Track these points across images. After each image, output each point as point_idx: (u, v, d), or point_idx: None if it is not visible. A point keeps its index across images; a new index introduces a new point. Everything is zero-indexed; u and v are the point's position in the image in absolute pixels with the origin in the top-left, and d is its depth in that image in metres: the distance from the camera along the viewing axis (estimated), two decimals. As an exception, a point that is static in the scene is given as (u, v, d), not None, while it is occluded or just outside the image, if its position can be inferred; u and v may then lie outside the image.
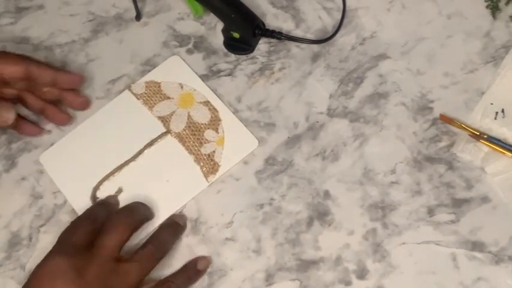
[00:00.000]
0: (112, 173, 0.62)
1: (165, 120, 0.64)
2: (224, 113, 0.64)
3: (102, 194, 0.61)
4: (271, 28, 0.66)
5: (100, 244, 0.53)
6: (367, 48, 0.66)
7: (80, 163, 0.63)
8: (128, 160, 0.62)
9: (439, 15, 0.66)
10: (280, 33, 0.66)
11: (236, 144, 0.62)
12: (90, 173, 0.62)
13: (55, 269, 0.51)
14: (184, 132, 0.63)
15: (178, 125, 0.63)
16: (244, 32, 0.65)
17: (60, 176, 0.62)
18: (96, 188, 0.61)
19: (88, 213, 0.57)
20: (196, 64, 0.65)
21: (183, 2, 0.69)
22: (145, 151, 0.62)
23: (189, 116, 0.64)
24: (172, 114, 0.64)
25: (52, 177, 0.62)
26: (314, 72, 0.65)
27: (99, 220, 0.56)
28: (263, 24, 0.66)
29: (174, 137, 0.63)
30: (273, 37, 0.66)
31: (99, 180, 0.61)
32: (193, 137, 0.62)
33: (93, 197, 0.61)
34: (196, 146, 0.62)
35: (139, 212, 0.58)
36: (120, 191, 0.61)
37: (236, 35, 0.66)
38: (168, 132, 0.63)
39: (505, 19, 0.66)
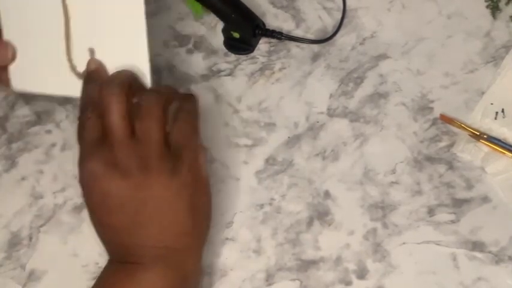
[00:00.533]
0: (67, 41, 0.54)
1: None
2: None
3: (79, 63, 0.54)
4: (271, 28, 0.66)
5: (107, 125, 0.49)
6: (367, 48, 0.66)
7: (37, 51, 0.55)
8: (66, 25, 0.54)
9: (439, 15, 0.66)
10: (280, 33, 0.66)
11: None
12: (52, 53, 0.55)
13: (92, 174, 0.49)
14: None
15: None
16: (245, 32, 0.65)
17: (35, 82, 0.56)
18: (72, 67, 0.55)
19: (83, 100, 0.53)
20: (196, 64, 0.65)
21: (183, 2, 0.69)
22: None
23: None
24: None
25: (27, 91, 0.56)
26: (314, 72, 0.65)
27: (97, 99, 0.51)
28: (263, 24, 0.66)
29: None
30: (273, 37, 0.66)
31: (66, 58, 0.54)
32: None
33: (76, 73, 0.55)
34: None
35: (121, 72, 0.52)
36: (92, 51, 0.54)
37: (236, 35, 0.66)
38: None
39: (505, 19, 0.66)
